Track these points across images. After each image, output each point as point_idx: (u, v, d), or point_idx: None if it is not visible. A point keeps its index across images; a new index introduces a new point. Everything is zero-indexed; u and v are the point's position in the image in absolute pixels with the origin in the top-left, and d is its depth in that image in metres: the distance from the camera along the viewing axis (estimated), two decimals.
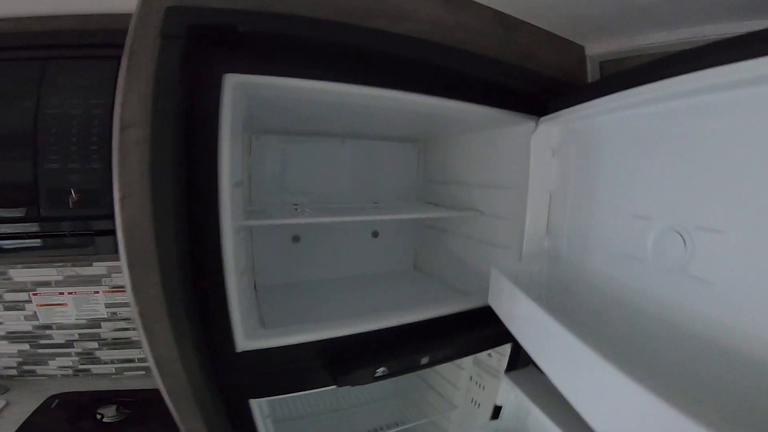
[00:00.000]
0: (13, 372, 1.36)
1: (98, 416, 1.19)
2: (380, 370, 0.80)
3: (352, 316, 0.87)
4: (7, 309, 1.24)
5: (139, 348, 1.37)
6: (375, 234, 1.30)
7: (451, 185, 1.19)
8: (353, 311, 0.92)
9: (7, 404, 1.22)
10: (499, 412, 1.10)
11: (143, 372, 1.42)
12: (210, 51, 0.60)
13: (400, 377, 1.47)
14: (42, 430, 1.12)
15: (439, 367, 1.37)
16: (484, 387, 1.18)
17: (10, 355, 1.33)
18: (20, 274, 1.20)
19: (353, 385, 0.81)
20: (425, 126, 1.14)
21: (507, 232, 1.00)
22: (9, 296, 1.23)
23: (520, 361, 1.04)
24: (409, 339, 0.87)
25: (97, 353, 1.37)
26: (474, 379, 1.23)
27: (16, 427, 1.11)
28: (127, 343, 1.36)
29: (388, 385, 1.54)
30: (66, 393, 1.30)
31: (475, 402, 1.23)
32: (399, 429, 1.28)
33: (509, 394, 1.05)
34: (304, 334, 0.76)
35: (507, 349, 1.03)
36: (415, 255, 1.38)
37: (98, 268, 1.22)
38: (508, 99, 0.88)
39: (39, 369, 1.37)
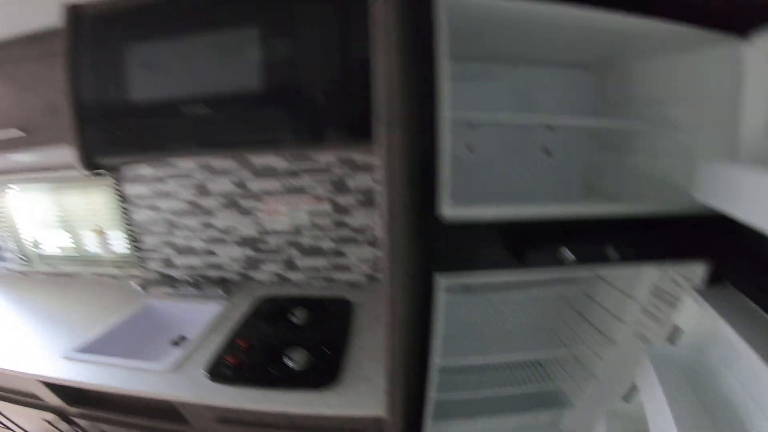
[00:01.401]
0: (237, 276, 1.79)
1: (291, 318, 1.47)
2: (565, 253, 0.82)
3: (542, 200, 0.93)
4: (243, 215, 1.66)
5: (325, 257, 1.68)
6: (547, 152, 1.30)
7: (634, 106, 1.17)
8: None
9: (231, 306, 1.59)
10: (674, 339, 0.99)
11: (325, 282, 1.72)
12: None
13: (550, 311, 1.53)
14: (251, 329, 1.42)
15: (602, 298, 1.35)
16: (659, 319, 1.10)
17: (239, 260, 1.75)
18: (253, 184, 1.61)
19: (536, 265, 0.85)
20: (606, 49, 1.12)
21: (711, 140, 0.95)
22: (244, 203, 1.65)
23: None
24: (598, 232, 0.87)
25: (296, 261, 1.71)
26: (648, 311, 1.16)
27: (233, 324, 1.44)
28: (318, 252, 1.67)
29: (535, 316, 1.55)
30: (269, 296, 1.64)
31: (643, 337, 1.17)
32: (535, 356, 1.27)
33: (693, 314, 0.93)
34: (498, 209, 0.82)
35: (698, 271, 0.94)
36: (588, 176, 1.36)
37: (305, 180, 1.56)
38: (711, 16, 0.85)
39: (254, 274, 1.77)
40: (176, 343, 1.54)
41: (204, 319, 1.51)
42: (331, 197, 1.57)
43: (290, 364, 1.19)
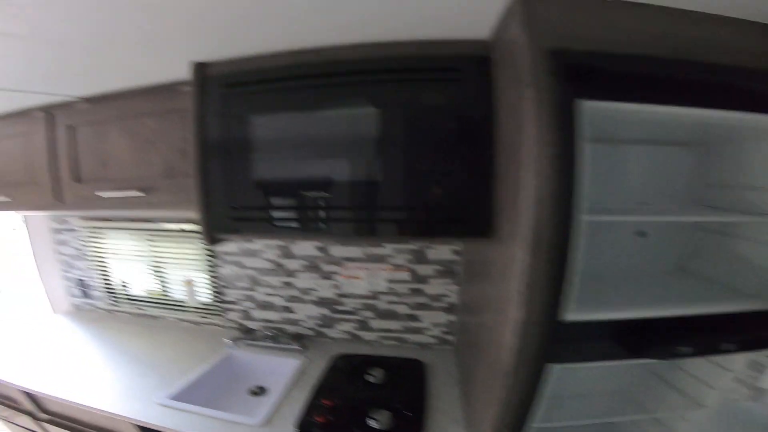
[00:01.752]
0: (312, 332, 1.90)
1: (367, 377, 1.54)
2: (683, 349, 0.88)
3: (655, 301, 0.98)
4: (322, 278, 1.79)
5: (399, 321, 1.77)
6: (641, 233, 1.31)
7: (739, 189, 1.16)
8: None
9: (308, 361, 1.68)
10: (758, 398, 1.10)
11: (396, 342, 1.80)
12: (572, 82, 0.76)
13: (631, 377, 1.52)
14: (332, 387, 1.48)
15: (691, 367, 1.32)
16: (753, 387, 1.17)
17: (315, 318, 1.87)
18: (336, 250, 1.75)
19: (653, 357, 0.90)
20: (712, 133, 1.16)
21: None
22: (325, 267, 1.78)
23: None
24: (713, 327, 0.93)
25: (370, 322, 1.80)
26: (742, 380, 1.21)
27: (314, 382, 1.51)
28: (393, 316, 1.76)
29: (612, 380, 1.52)
30: (344, 354, 1.72)
31: (731, 399, 1.21)
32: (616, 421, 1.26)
33: None
34: (619, 312, 0.89)
35: None
36: (683, 256, 1.35)
37: (386, 249, 1.68)
38: None
39: (328, 331, 1.87)
40: (255, 393, 1.64)
41: (283, 371, 1.62)
42: (410, 266, 1.67)
43: (374, 425, 1.25)
